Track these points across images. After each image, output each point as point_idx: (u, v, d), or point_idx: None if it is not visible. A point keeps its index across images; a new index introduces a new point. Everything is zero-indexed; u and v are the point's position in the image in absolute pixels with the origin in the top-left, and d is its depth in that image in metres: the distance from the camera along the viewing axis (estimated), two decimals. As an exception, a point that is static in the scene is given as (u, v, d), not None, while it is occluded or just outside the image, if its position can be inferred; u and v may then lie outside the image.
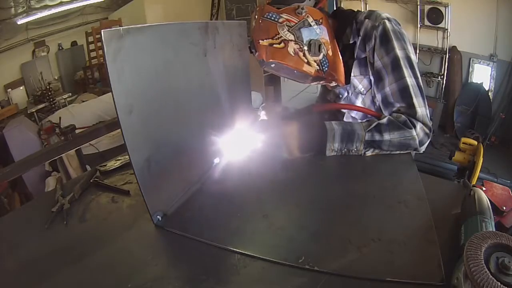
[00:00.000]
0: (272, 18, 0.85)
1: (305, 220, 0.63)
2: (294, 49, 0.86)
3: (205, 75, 0.76)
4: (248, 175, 0.77)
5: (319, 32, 0.88)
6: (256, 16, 0.87)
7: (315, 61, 0.88)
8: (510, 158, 3.47)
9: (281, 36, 0.85)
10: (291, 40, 0.85)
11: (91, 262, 0.55)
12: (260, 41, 0.85)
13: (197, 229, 0.60)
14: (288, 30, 0.85)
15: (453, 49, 4.10)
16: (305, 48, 0.86)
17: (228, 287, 0.48)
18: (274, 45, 0.85)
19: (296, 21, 0.85)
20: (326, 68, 0.89)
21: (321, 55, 0.88)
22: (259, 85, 4.01)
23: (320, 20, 0.88)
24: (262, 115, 1.04)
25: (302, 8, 0.85)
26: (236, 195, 0.70)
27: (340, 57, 0.90)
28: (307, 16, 0.86)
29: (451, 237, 0.55)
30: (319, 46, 0.87)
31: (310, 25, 0.87)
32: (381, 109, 0.95)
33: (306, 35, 0.86)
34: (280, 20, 0.85)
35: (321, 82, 0.96)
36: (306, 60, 0.87)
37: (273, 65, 0.88)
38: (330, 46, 0.90)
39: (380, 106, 0.95)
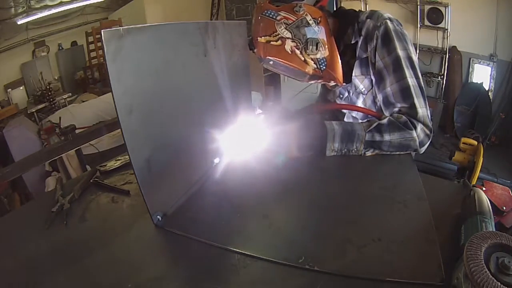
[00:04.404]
0: (270, 16, 0.86)
1: (305, 220, 0.63)
2: (291, 47, 0.86)
3: (205, 75, 0.76)
4: (248, 175, 0.77)
5: (317, 31, 0.88)
6: (256, 13, 0.88)
7: (312, 60, 0.88)
8: (510, 158, 3.47)
9: (279, 34, 0.86)
10: (288, 38, 0.86)
11: (91, 262, 0.55)
12: (258, 38, 0.86)
13: (197, 229, 0.60)
14: (285, 28, 0.85)
15: (453, 49, 4.10)
16: (302, 46, 0.87)
17: (228, 287, 0.48)
18: (272, 42, 0.86)
19: (294, 19, 0.86)
20: (324, 67, 0.90)
21: (319, 53, 0.88)
22: (259, 85, 4.01)
23: (319, 19, 0.88)
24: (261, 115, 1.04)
25: (300, 6, 0.86)
26: (236, 195, 0.70)
27: (338, 57, 0.90)
28: (306, 15, 0.87)
29: (451, 237, 0.55)
30: (317, 44, 0.87)
31: (308, 24, 0.87)
32: (382, 109, 0.95)
33: (303, 33, 0.86)
34: (278, 18, 0.86)
35: (320, 81, 0.96)
36: (303, 58, 0.88)
37: (271, 62, 0.89)
38: (327, 45, 0.90)
39: (381, 106, 0.95)
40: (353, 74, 0.99)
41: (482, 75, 4.04)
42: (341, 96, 1.11)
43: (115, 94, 0.49)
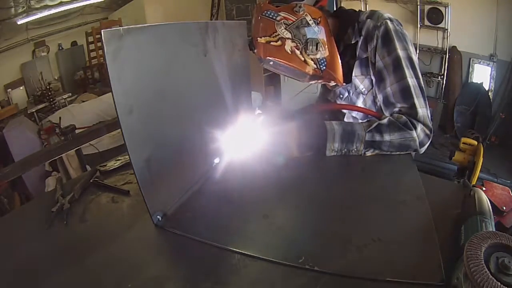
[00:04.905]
0: (270, 16, 0.86)
1: (305, 220, 0.63)
2: (291, 47, 0.86)
3: (205, 75, 0.76)
4: (248, 175, 0.77)
5: (317, 31, 0.88)
6: (255, 14, 0.88)
7: (312, 60, 0.88)
8: (510, 158, 3.47)
9: (279, 34, 0.86)
10: (288, 38, 0.86)
11: (91, 262, 0.55)
12: (258, 38, 0.86)
13: (197, 229, 0.60)
14: (285, 28, 0.86)
15: (453, 49, 4.10)
16: (302, 46, 0.87)
17: (228, 287, 0.48)
18: (272, 43, 0.86)
19: (294, 19, 0.86)
20: (324, 67, 0.90)
21: (318, 53, 0.88)
22: (259, 85, 4.01)
23: (319, 19, 0.88)
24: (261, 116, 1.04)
25: (300, 7, 0.86)
26: (236, 195, 0.70)
27: (338, 57, 0.90)
28: (305, 15, 0.87)
29: (451, 237, 0.55)
30: (317, 44, 0.87)
31: (308, 24, 0.87)
32: (382, 109, 0.95)
33: (303, 33, 0.86)
34: (278, 18, 0.86)
35: (320, 81, 0.96)
36: (303, 58, 0.88)
37: (271, 63, 0.89)
38: (327, 45, 0.90)
39: (381, 106, 0.95)
40: (353, 74, 0.99)
41: (482, 75, 4.03)
42: (341, 96, 1.11)
43: (115, 94, 0.49)
